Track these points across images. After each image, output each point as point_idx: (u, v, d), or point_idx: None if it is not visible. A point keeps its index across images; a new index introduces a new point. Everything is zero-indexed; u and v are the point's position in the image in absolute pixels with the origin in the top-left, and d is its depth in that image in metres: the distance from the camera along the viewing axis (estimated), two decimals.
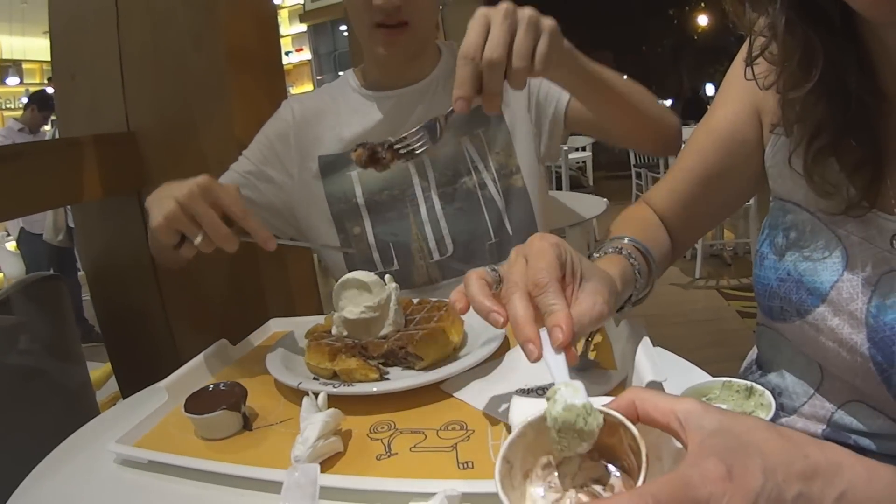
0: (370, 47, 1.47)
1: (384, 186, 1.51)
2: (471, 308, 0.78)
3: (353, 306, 1.07)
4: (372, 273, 1.12)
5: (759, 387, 0.74)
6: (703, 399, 0.75)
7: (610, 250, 0.98)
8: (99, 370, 2.99)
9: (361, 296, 1.08)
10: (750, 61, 0.92)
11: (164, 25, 1.90)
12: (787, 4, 0.83)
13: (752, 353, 1.17)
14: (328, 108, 1.58)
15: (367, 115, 1.55)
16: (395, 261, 1.48)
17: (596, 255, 1.00)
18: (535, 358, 0.69)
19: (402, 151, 1.10)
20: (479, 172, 1.52)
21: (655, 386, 0.84)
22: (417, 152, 1.10)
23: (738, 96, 1.07)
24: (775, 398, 0.79)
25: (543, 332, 0.70)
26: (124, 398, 2.23)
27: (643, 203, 1.23)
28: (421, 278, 1.49)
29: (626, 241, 1.02)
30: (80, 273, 6.08)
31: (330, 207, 1.53)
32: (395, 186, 1.51)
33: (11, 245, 7.68)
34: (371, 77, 1.59)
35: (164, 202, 1.07)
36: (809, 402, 0.97)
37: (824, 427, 0.95)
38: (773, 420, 0.69)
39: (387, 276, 1.14)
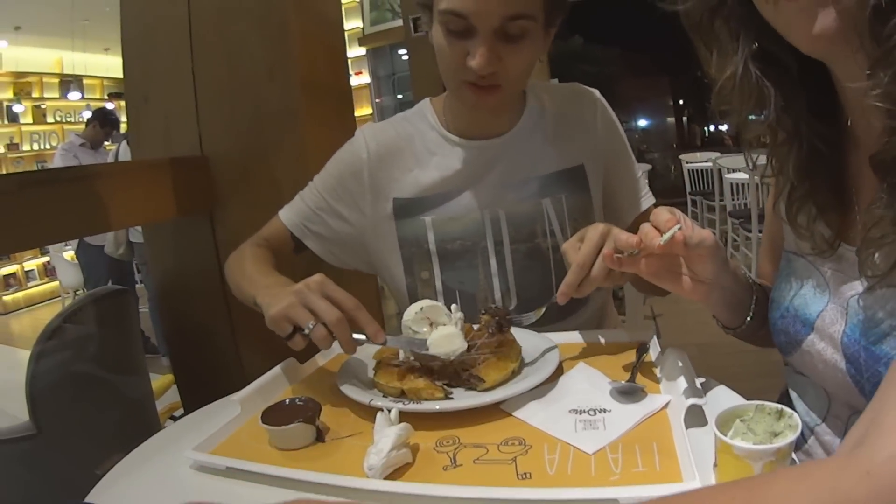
0: (457, 97, 1.43)
1: (457, 236, 1.49)
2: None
3: (422, 336, 1.13)
4: (440, 304, 1.18)
5: (787, 409, 0.80)
6: (738, 420, 0.81)
7: None
8: (157, 381, 3.06)
9: (431, 328, 1.13)
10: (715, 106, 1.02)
11: (237, 55, 1.96)
12: (745, 54, 0.92)
13: (784, 388, 1.25)
14: (404, 147, 1.54)
15: (446, 162, 1.51)
16: (460, 307, 1.42)
17: None
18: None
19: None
20: (554, 236, 1.49)
21: (695, 409, 0.93)
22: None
23: None
24: None
25: None
26: (185, 409, 2.32)
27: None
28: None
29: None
30: (138, 285, 6.22)
31: (401, 250, 1.52)
32: (468, 237, 1.49)
33: (69, 255, 7.85)
34: (452, 117, 1.54)
35: (280, 296, 1.14)
36: (825, 421, 1.05)
37: (840, 440, 1.03)
38: (798, 439, 0.76)
39: (453, 306, 1.19)
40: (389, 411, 0.94)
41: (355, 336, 1.11)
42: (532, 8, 1.28)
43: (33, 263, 10.70)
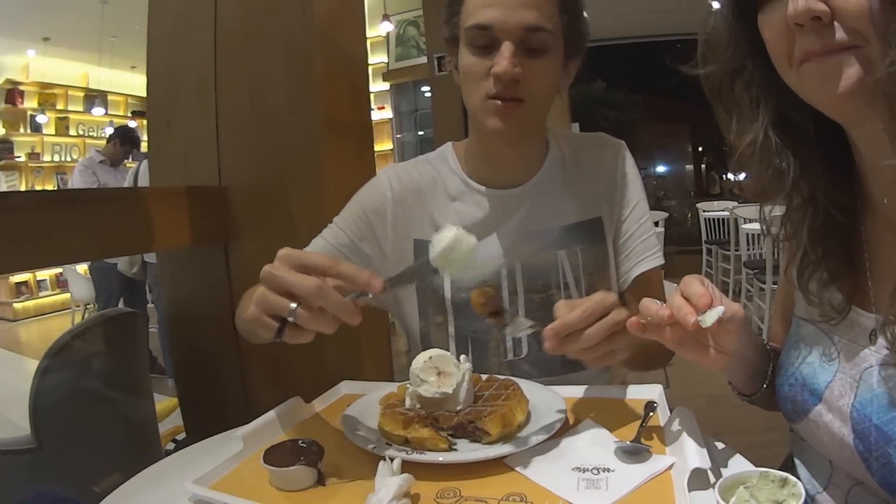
0: (481, 120, 1.41)
1: (473, 285, 1.40)
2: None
3: (429, 385, 1.12)
4: (449, 354, 1.17)
5: (792, 478, 0.79)
6: (742, 487, 0.81)
7: None
8: (162, 403, 3.06)
9: (438, 377, 1.13)
10: (733, 170, 1.03)
11: (261, 88, 1.98)
12: (765, 122, 0.93)
13: (788, 452, 1.24)
14: (427, 189, 1.56)
15: (466, 209, 1.53)
16: (471, 355, 1.47)
17: None
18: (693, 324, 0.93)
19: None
20: (568, 289, 1.51)
21: (700, 472, 0.92)
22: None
23: None
24: None
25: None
26: (188, 434, 2.32)
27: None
28: (491, 374, 1.46)
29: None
30: (149, 305, 6.23)
31: (417, 293, 1.54)
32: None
33: (83, 268, 7.89)
34: (474, 163, 1.55)
35: (251, 294, 1.09)
36: (826, 490, 1.05)
37: None
38: None
39: (462, 357, 1.18)
40: (392, 460, 0.94)
41: (349, 298, 0.97)
42: (552, 22, 1.36)
43: (46, 273, 10.80)
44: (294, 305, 0.95)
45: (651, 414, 1.15)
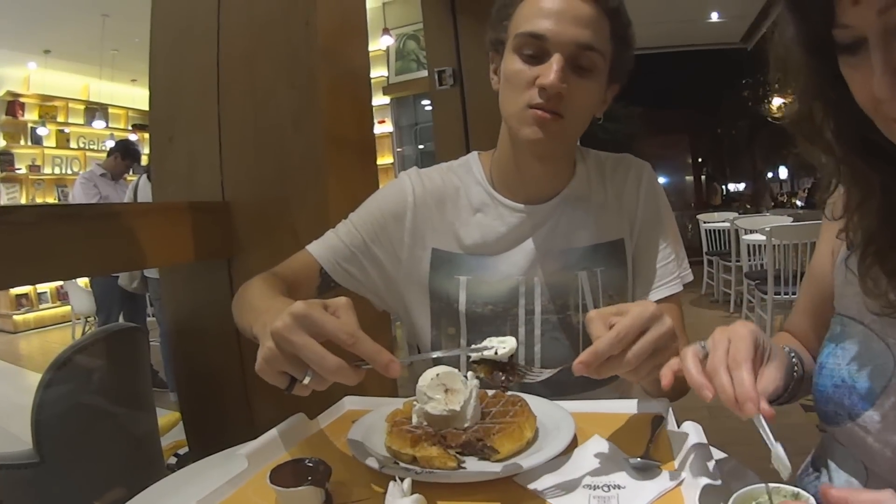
0: (517, 128, 1.38)
1: (489, 301, 1.48)
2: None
3: (436, 403, 1.11)
4: (456, 371, 1.15)
5: (804, 493, 0.79)
6: (754, 502, 0.80)
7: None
8: (164, 417, 3.06)
9: (446, 394, 1.11)
10: (823, 200, 1.01)
11: (264, 104, 1.98)
12: (847, 150, 0.91)
13: (810, 456, 1.22)
14: (450, 197, 1.54)
15: (488, 221, 1.50)
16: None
17: None
18: (748, 414, 0.86)
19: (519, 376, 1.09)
20: (586, 311, 1.43)
21: (710, 488, 0.92)
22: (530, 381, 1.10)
23: (826, 232, 1.15)
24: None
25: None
26: (190, 448, 2.31)
27: (785, 332, 1.34)
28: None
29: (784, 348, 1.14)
30: (150, 319, 6.23)
31: (431, 303, 1.52)
32: (500, 303, 1.48)
33: (83, 282, 7.89)
34: (500, 175, 1.53)
35: (263, 340, 0.97)
36: None
37: None
38: None
39: (469, 373, 1.16)
40: (402, 480, 0.93)
41: (364, 367, 0.94)
42: (603, 43, 1.36)
43: (47, 286, 10.82)
44: (309, 375, 0.93)
45: (659, 429, 1.14)
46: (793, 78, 0.95)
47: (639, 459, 1.03)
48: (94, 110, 11.84)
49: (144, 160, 6.82)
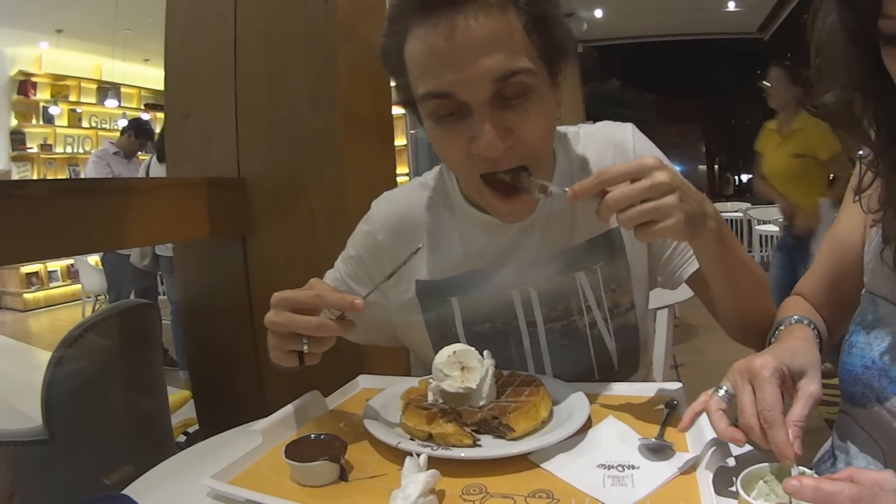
0: (481, 197, 1.24)
1: (486, 318, 1.37)
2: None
3: (452, 380, 1.11)
4: (472, 349, 1.15)
5: (808, 471, 0.79)
6: (762, 481, 0.82)
7: (794, 319, 1.13)
8: (175, 395, 3.06)
9: (462, 372, 1.12)
10: (858, 192, 0.99)
11: (281, 81, 1.98)
12: (886, 142, 0.90)
13: (828, 444, 1.21)
14: (421, 222, 1.41)
15: (469, 239, 1.37)
16: (492, 354, 1.29)
17: (782, 327, 1.14)
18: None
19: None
20: (591, 312, 1.36)
21: (723, 469, 0.93)
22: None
23: (853, 206, 1.14)
24: None
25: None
26: (201, 426, 2.32)
27: (797, 296, 1.32)
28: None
29: (799, 318, 1.15)
30: (161, 297, 6.24)
31: (428, 331, 1.41)
32: (497, 319, 1.37)
33: (94, 260, 7.92)
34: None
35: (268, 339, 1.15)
36: None
37: None
38: None
39: (485, 352, 1.16)
40: (418, 456, 0.93)
41: (347, 319, 1.12)
42: (523, 53, 1.11)
43: (57, 264, 10.83)
44: (306, 342, 1.10)
45: (672, 411, 1.14)
46: (833, 67, 0.93)
47: (653, 440, 1.02)
48: (107, 90, 11.82)
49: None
